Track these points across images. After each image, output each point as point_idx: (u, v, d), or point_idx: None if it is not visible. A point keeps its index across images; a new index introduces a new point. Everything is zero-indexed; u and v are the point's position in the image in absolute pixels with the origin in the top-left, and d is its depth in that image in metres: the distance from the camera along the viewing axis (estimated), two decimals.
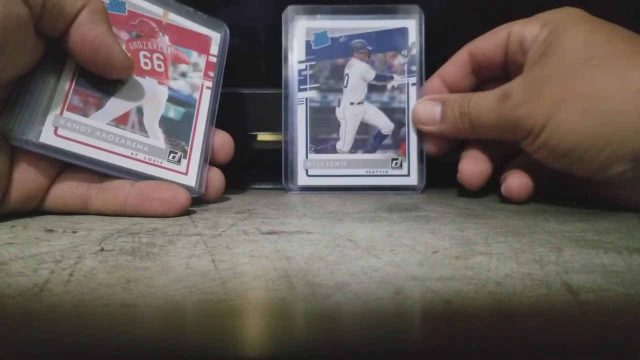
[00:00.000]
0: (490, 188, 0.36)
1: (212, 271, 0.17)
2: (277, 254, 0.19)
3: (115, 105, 0.29)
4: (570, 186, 0.34)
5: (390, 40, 0.38)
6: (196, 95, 0.33)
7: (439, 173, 0.38)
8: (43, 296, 0.15)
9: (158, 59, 0.32)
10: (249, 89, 0.40)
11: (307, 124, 0.38)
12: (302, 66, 0.38)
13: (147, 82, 0.31)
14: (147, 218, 0.27)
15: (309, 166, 0.38)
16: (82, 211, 0.28)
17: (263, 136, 0.40)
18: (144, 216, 0.27)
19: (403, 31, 0.38)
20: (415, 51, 0.38)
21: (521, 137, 0.30)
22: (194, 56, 0.33)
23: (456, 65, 0.36)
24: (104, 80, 0.28)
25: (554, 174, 0.32)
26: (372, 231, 0.24)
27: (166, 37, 0.32)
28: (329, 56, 0.38)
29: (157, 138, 0.30)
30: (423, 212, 0.29)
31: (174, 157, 0.30)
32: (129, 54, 0.28)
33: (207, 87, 0.33)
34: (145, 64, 0.31)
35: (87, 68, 0.27)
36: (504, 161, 0.36)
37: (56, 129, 0.26)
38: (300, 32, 0.38)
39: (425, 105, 0.36)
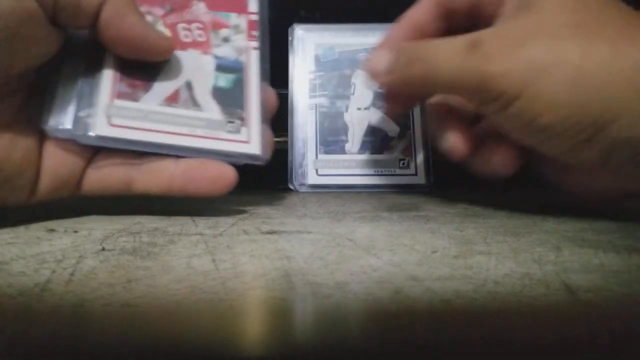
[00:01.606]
0: (489, 187, 0.36)
1: (213, 271, 0.17)
2: (277, 254, 0.19)
3: (163, 85, 0.28)
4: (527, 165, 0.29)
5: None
6: (243, 58, 0.31)
7: (439, 173, 0.38)
8: (44, 296, 0.15)
9: (198, 28, 0.30)
10: None
11: (317, 127, 0.39)
12: (312, 76, 0.40)
13: (190, 55, 0.29)
14: (148, 217, 0.27)
15: (319, 166, 0.38)
16: (125, 193, 0.26)
17: None
18: (191, 197, 0.26)
19: None
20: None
21: (486, 99, 0.24)
22: (234, 18, 0.32)
23: (422, 9, 0.31)
24: (147, 62, 0.27)
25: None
26: (371, 231, 0.24)
27: (201, 4, 0.31)
28: (337, 68, 0.40)
29: (212, 110, 0.28)
30: (422, 212, 0.29)
31: (232, 127, 0.29)
32: (166, 34, 0.28)
33: (253, 48, 0.32)
34: (186, 35, 0.30)
35: (126, 58, 0.26)
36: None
37: (109, 118, 0.26)
38: (309, 47, 0.40)
39: (376, 54, 0.29)
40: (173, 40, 0.28)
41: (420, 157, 0.39)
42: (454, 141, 0.28)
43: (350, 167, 0.39)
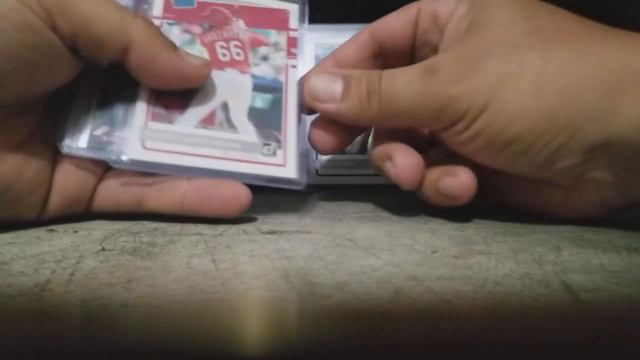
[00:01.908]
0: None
1: (213, 271, 0.17)
2: (277, 254, 0.19)
3: (200, 106, 0.27)
4: (490, 192, 0.28)
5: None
6: (282, 77, 0.30)
7: None
8: (44, 296, 0.15)
9: (236, 46, 0.30)
10: None
11: None
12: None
13: (228, 75, 0.29)
14: (148, 217, 0.27)
15: (318, 166, 0.38)
16: (136, 211, 0.26)
17: None
18: (203, 216, 0.26)
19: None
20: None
21: (448, 123, 0.24)
22: (273, 35, 0.31)
23: (353, 48, 0.30)
24: None
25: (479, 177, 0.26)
26: (371, 231, 0.24)
27: (241, 21, 0.30)
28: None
29: (248, 132, 0.27)
30: (422, 212, 0.29)
31: (268, 150, 0.27)
32: (203, 55, 0.27)
33: (292, 66, 0.31)
34: (223, 54, 0.29)
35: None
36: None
37: (143, 141, 0.25)
38: (309, 47, 0.39)
39: (321, 78, 0.27)
40: (208, 65, 0.26)
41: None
42: (403, 165, 0.26)
43: (350, 167, 0.38)
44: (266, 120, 0.28)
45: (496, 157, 0.24)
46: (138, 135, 0.25)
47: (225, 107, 0.27)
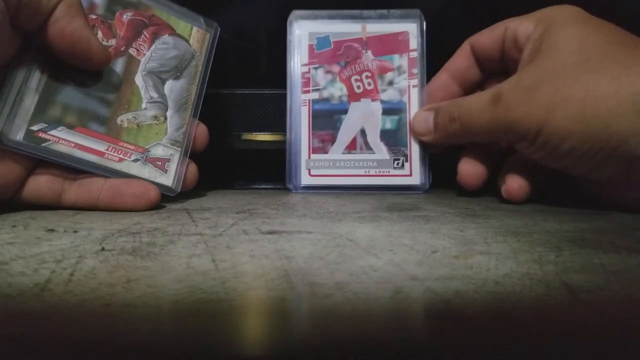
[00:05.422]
0: (490, 187, 0.36)
1: (213, 271, 0.17)
2: (277, 254, 0.19)
3: (344, 135, 0.34)
4: (566, 184, 0.34)
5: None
6: (405, 98, 0.36)
7: (440, 173, 0.38)
8: (44, 296, 0.15)
9: (367, 77, 0.35)
10: (249, 90, 0.40)
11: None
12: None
13: (363, 105, 0.35)
14: (148, 218, 0.27)
15: (311, 166, 0.38)
16: (56, 204, 0.29)
17: (263, 136, 0.40)
18: (115, 210, 0.29)
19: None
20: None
21: (516, 139, 0.30)
22: (396, 59, 0.36)
23: (460, 58, 0.37)
24: (330, 117, 0.34)
25: (551, 173, 0.32)
26: (371, 231, 0.24)
27: (369, 52, 0.36)
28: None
29: (382, 151, 0.34)
30: (422, 212, 0.29)
31: (397, 164, 0.35)
32: (106, 46, 0.30)
33: (414, 86, 0.36)
34: (358, 87, 0.35)
35: (65, 61, 0.28)
36: (502, 158, 0.36)
37: (309, 171, 0.34)
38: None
39: (420, 116, 0.37)
40: (110, 53, 0.30)
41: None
42: (462, 172, 0.35)
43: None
44: (395, 139, 0.36)
45: (557, 163, 0.29)
46: (306, 165, 0.33)
47: (363, 133, 0.35)
